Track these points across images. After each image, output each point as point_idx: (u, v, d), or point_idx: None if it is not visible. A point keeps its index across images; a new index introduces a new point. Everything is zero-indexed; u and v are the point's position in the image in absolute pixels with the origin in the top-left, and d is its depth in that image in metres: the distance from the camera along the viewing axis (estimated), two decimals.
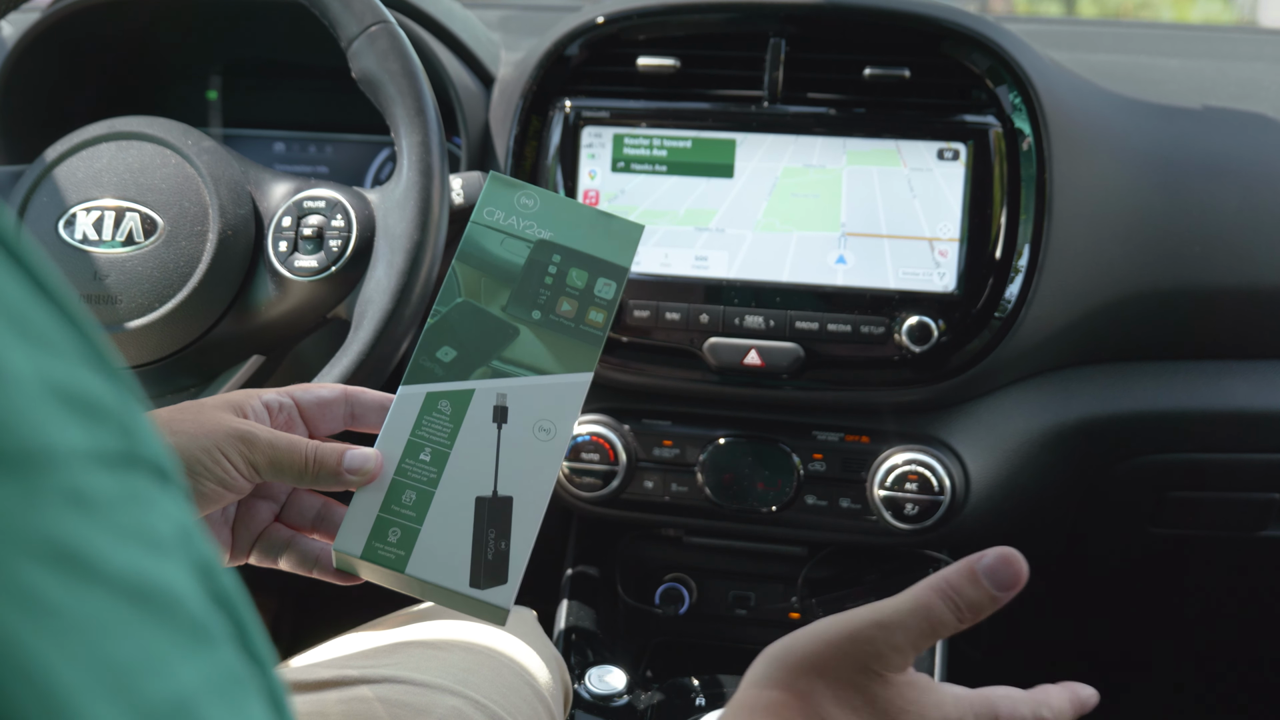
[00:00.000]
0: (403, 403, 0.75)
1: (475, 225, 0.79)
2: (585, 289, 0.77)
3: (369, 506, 0.72)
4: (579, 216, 0.80)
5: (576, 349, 0.76)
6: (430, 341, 0.76)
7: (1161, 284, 1.26)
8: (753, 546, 1.38)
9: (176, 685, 0.30)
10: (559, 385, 0.75)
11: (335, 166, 1.52)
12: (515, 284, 0.77)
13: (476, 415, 0.74)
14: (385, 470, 0.73)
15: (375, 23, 1.02)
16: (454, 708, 0.85)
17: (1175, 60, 1.51)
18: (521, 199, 0.80)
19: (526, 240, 0.79)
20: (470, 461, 0.73)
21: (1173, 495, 1.36)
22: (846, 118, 1.25)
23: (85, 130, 1.08)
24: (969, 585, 0.63)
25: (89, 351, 0.33)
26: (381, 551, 0.71)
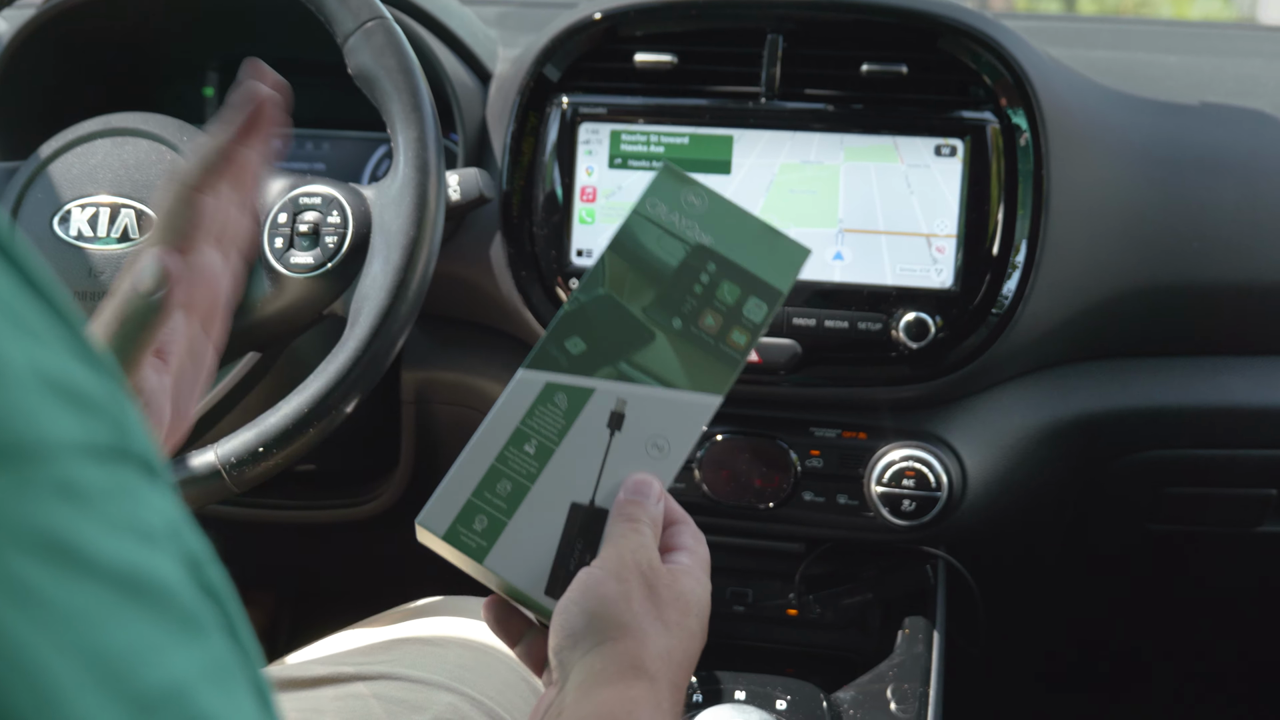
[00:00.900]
0: (520, 387, 0.72)
1: (636, 216, 0.76)
2: (734, 306, 0.73)
3: (462, 487, 0.70)
4: (745, 226, 0.76)
5: (711, 368, 0.72)
6: (562, 329, 0.73)
7: (1159, 280, 1.26)
8: (750, 543, 1.37)
9: (170, 673, 0.30)
10: (683, 403, 0.71)
11: (332, 163, 1.52)
12: (663, 286, 0.74)
13: (591, 416, 0.71)
14: (485, 454, 0.71)
15: (371, 18, 1.02)
16: (450, 704, 0.85)
17: (1173, 57, 1.51)
18: (689, 196, 0.77)
19: (685, 242, 0.75)
20: (574, 463, 0.70)
21: (1170, 491, 1.36)
22: (844, 114, 1.25)
23: (80, 126, 1.08)
24: None
25: (78, 345, 0.33)
26: (464, 537, 0.69)
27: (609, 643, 0.62)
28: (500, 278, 1.29)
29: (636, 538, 0.67)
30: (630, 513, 0.68)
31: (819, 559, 1.36)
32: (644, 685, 0.61)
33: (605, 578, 0.65)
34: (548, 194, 1.28)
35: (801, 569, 1.35)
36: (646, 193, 0.77)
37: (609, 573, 0.65)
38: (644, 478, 0.70)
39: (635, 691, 0.60)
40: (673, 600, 0.65)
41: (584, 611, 0.64)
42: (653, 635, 0.63)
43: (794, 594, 1.36)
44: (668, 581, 0.66)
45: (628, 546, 0.66)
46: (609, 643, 0.62)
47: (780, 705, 1.18)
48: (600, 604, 0.64)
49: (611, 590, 0.64)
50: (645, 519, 0.68)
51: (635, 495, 0.69)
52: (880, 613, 1.35)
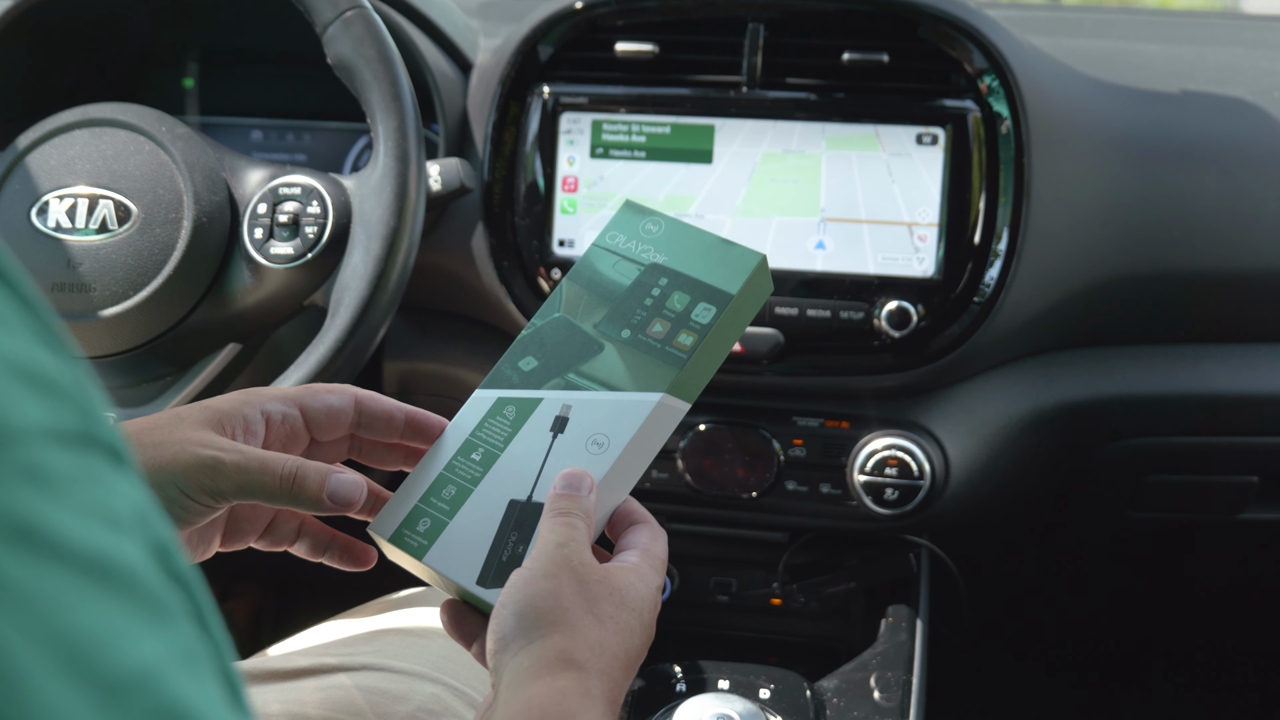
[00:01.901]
0: (473, 404, 0.75)
1: (595, 247, 0.79)
2: (682, 312, 0.75)
3: (411, 495, 0.73)
4: (699, 242, 0.77)
5: (652, 368, 0.73)
6: (516, 351, 0.77)
7: (1140, 268, 1.26)
8: (734, 533, 1.38)
9: (139, 656, 0.30)
10: (622, 401, 0.73)
11: (313, 154, 1.51)
12: (615, 303, 0.76)
13: (537, 423, 0.73)
14: (435, 463, 0.73)
15: (350, 8, 1.01)
16: (432, 694, 0.85)
17: (1154, 45, 1.51)
18: (647, 224, 0.79)
19: (639, 263, 0.77)
20: (517, 466, 0.72)
21: (1152, 479, 1.36)
22: (825, 103, 1.25)
23: (58, 117, 1.08)
24: None
25: (45, 332, 0.33)
26: (408, 538, 0.72)
27: (538, 640, 0.62)
28: (482, 268, 1.29)
29: (567, 531, 0.67)
30: (562, 506, 0.68)
31: (802, 548, 1.36)
32: (573, 675, 0.60)
33: (534, 577, 0.64)
34: (529, 184, 1.28)
35: (785, 558, 1.35)
36: (607, 227, 0.80)
37: (537, 571, 0.65)
38: (577, 471, 0.70)
39: (563, 682, 0.60)
40: (606, 594, 0.64)
41: (513, 612, 0.63)
42: (583, 628, 0.62)
43: (778, 583, 1.36)
44: (600, 576, 0.65)
45: (556, 541, 0.66)
46: (538, 640, 0.62)
47: (764, 694, 1.18)
48: (529, 602, 0.63)
49: (540, 587, 0.64)
50: (577, 511, 0.68)
51: (567, 489, 0.69)
52: (863, 601, 1.35)
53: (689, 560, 1.39)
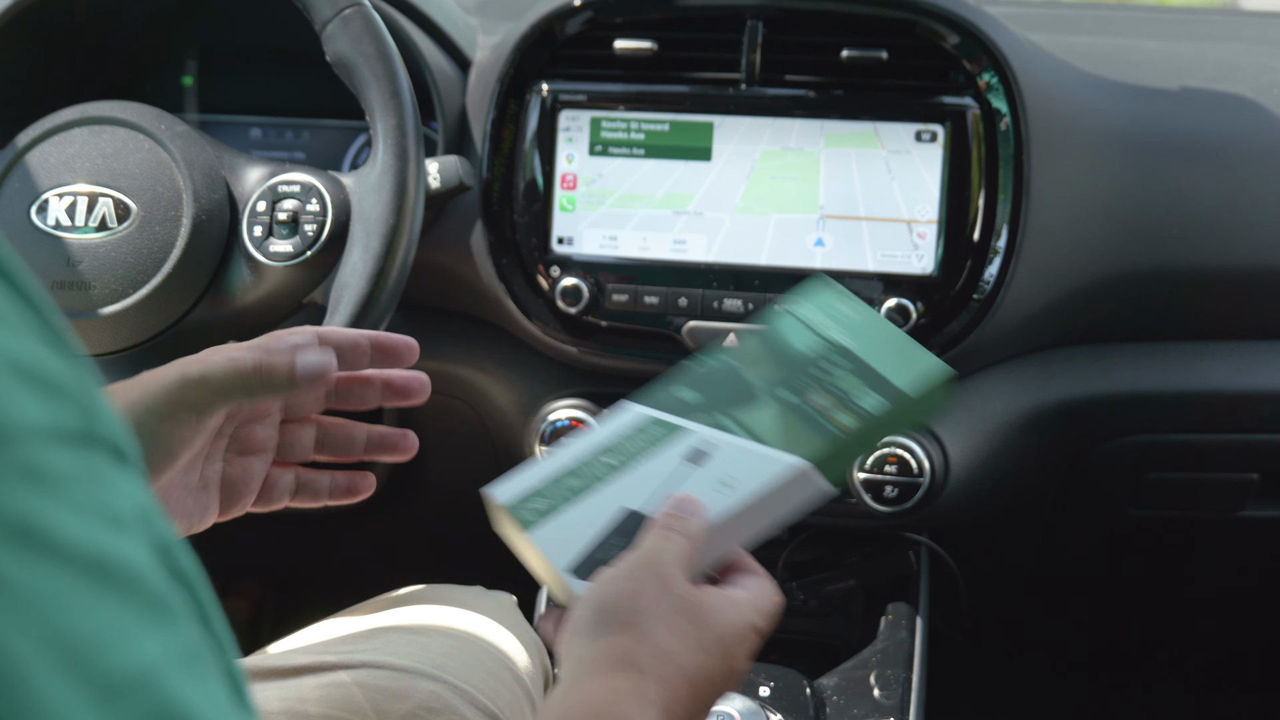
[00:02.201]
0: (624, 415, 0.78)
1: (786, 314, 0.81)
2: (851, 394, 0.76)
3: (538, 473, 0.76)
4: (891, 338, 0.79)
5: (804, 435, 0.74)
6: (682, 378, 0.79)
7: (1140, 265, 1.26)
8: None
9: (139, 657, 0.30)
10: (763, 454, 0.74)
11: (312, 152, 1.51)
12: (789, 368, 0.78)
13: (675, 447, 0.75)
14: (569, 454, 0.76)
15: (349, 6, 1.01)
16: (432, 692, 0.85)
17: (1153, 42, 1.51)
18: (843, 308, 0.81)
19: (826, 340, 0.79)
20: (643, 481, 0.74)
21: (1152, 476, 1.36)
22: (824, 100, 1.24)
23: (57, 115, 1.08)
24: None
25: (47, 331, 0.33)
26: (522, 510, 0.74)
27: (605, 636, 0.62)
28: (481, 266, 1.29)
29: (664, 543, 0.67)
30: (666, 522, 0.69)
31: (802, 545, 1.36)
32: (631, 677, 0.60)
33: (618, 576, 0.65)
34: (528, 181, 1.28)
35: (785, 556, 1.35)
36: (802, 297, 0.82)
37: (623, 572, 0.66)
38: (691, 497, 0.71)
39: (620, 682, 0.60)
40: (687, 608, 0.64)
41: (590, 606, 0.64)
42: (652, 634, 0.62)
43: (778, 581, 1.36)
44: (685, 590, 0.65)
45: (650, 549, 0.67)
46: (605, 636, 0.62)
47: (763, 692, 1.18)
48: (606, 598, 0.64)
49: (621, 587, 0.65)
50: (680, 529, 0.69)
51: (676, 508, 0.70)
52: (863, 599, 1.35)
53: None
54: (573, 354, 1.29)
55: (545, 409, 1.32)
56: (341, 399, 0.82)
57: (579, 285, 1.25)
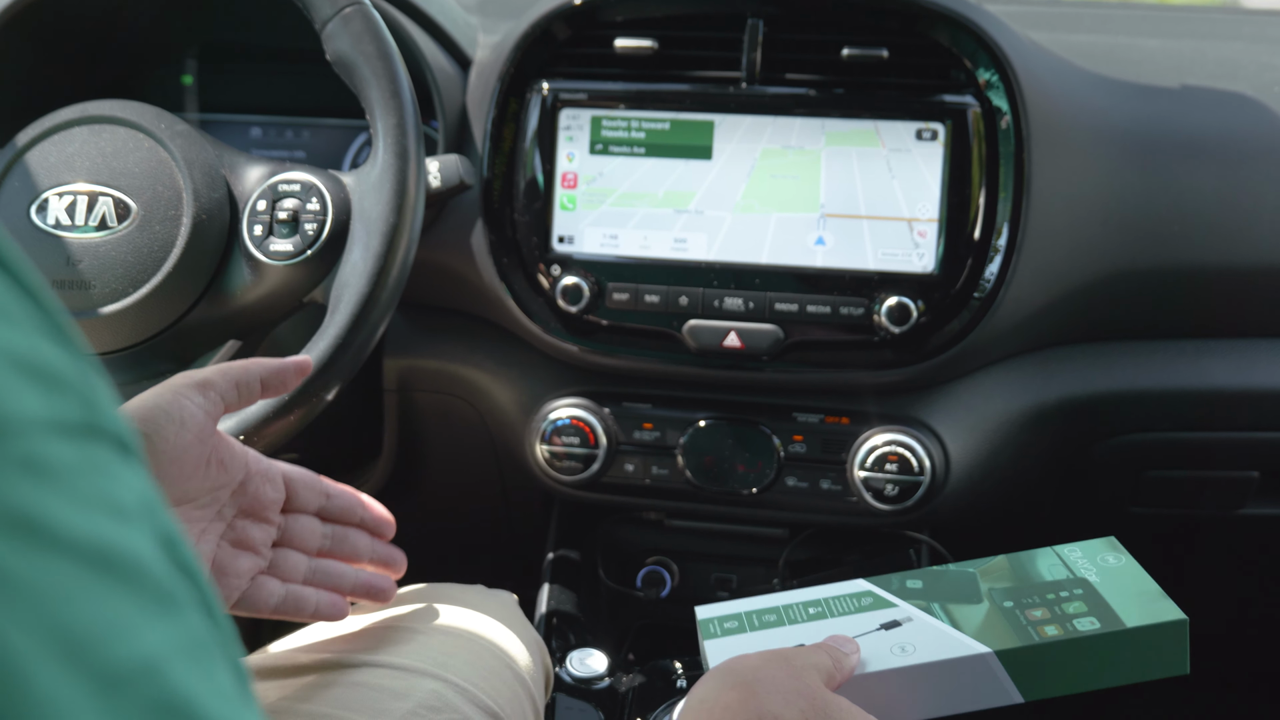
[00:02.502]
0: (846, 584, 0.83)
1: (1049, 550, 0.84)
2: (1069, 614, 0.77)
3: (745, 604, 0.83)
4: (1136, 582, 0.79)
5: (1002, 629, 0.76)
6: (915, 572, 0.83)
7: (1140, 263, 1.26)
8: (734, 529, 1.38)
9: (143, 648, 0.30)
10: (950, 634, 0.76)
11: (312, 151, 1.51)
12: (1023, 585, 0.80)
13: (878, 616, 0.79)
14: (779, 598, 0.83)
15: (349, 4, 1.01)
16: (433, 691, 0.85)
17: (1154, 40, 1.51)
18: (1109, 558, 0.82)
19: (1073, 573, 0.81)
20: (831, 629, 0.78)
21: (1152, 474, 1.36)
22: (825, 98, 1.24)
23: (57, 114, 1.07)
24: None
25: (48, 324, 0.33)
26: (709, 625, 0.82)
27: (721, 690, 0.68)
28: (482, 264, 1.29)
29: (807, 651, 0.72)
30: (821, 643, 0.74)
31: (803, 544, 1.36)
32: (740, 691, 0.66)
33: (753, 654, 0.71)
34: (529, 180, 1.28)
35: (785, 554, 1.35)
36: (1075, 545, 0.84)
37: (758, 654, 0.71)
38: (850, 638, 0.76)
39: (729, 697, 0.66)
40: (815, 699, 0.68)
41: (719, 668, 0.70)
42: (768, 700, 0.66)
43: (778, 579, 1.36)
44: (820, 687, 0.69)
45: (792, 650, 0.72)
46: (721, 690, 0.68)
47: None
48: (734, 663, 0.70)
49: (751, 660, 0.70)
50: (828, 648, 0.73)
51: (836, 642, 0.75)
52: None
53: (689, 556, 1.39)
54: (573, 353, 1.29)
55: (546, 408, 1.32)
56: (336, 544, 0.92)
57: (580, 284, 1.25)
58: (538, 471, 1.32)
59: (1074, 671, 0.75)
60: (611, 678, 1.22)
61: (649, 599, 1.36)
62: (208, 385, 0.79)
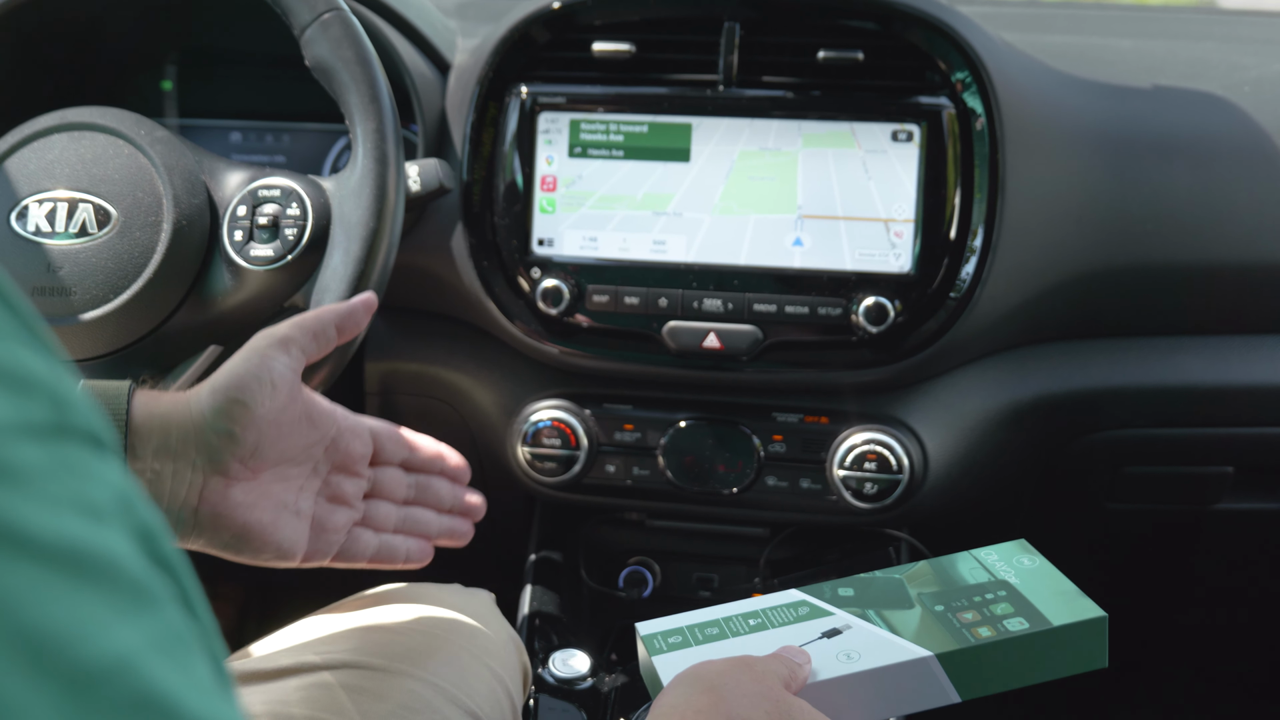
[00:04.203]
0: (779, 598, 0.85)
1: (968, 555, 0.87)
2: (998, 615, 0.80)
3: (685, 619, 0.84)
4: (1055, 584, 0.83)
5: (938, 634, 0.78)
6: (844, 580, 0.86)
7: (1114, 262, 1.27)
8: (715, 528, 1.38)
9: (114, 646, 0.30)
10: (892, 640, 0.78)
11: (292, 156, 1.52)
12: (949, 588, 0.83)
13: (817, 625, 0.81)
14: (718, 611, 0.84)
15: (327, 10, 1.02)
16: (412, 691, 0.85)
17: (1127, 41, 1.52)
18: (1024, 559, 0.86)
19: (993, 575, 0.84)
20: (775, 642, 0.79)
21: (1129, 470, 1.38)
22: (801, 100, 1.25)
23: (36, 121, 1.08)
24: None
25: (16, 325, 0.33)
26: (653, 640, 0.82)
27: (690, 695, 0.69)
28: (462, 268, 1.29)
29: (766, 659, 0.73)
30: (776, 654, 0.75)
31: (783, 543, 1.37)
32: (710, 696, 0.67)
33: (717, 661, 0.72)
34: (508, 184, 1.28)
35: (766, 553, 1.36)
36: (989, 549, 0.87)
37: (721, 660, 0.73)
38: (802, 649, 0.77)
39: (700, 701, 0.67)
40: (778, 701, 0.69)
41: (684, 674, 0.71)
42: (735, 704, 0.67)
43: (759, 578, 1.37)
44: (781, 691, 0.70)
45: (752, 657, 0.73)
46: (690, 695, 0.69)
47: None
48: (700, 668, 0.71)
49: (716, 666, 0.71)
50: (783, 660, 0.74)
51: (788, 653, 0.76)
52: None
53: (671, 556, 1.40)
54: (554, 355, 1.30)
55: (527, 409, 1.33)
56: (420, 492, 0.96)
57: (560, 286, 1.26)
58: (519, 473, 1.33)
59: (1007, 670, 0.78)
60: (594, 678, 1.22)
61: (631, 599, 1.36)
62: (289, 342, 0.82)
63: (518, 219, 1.28)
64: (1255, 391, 1.33)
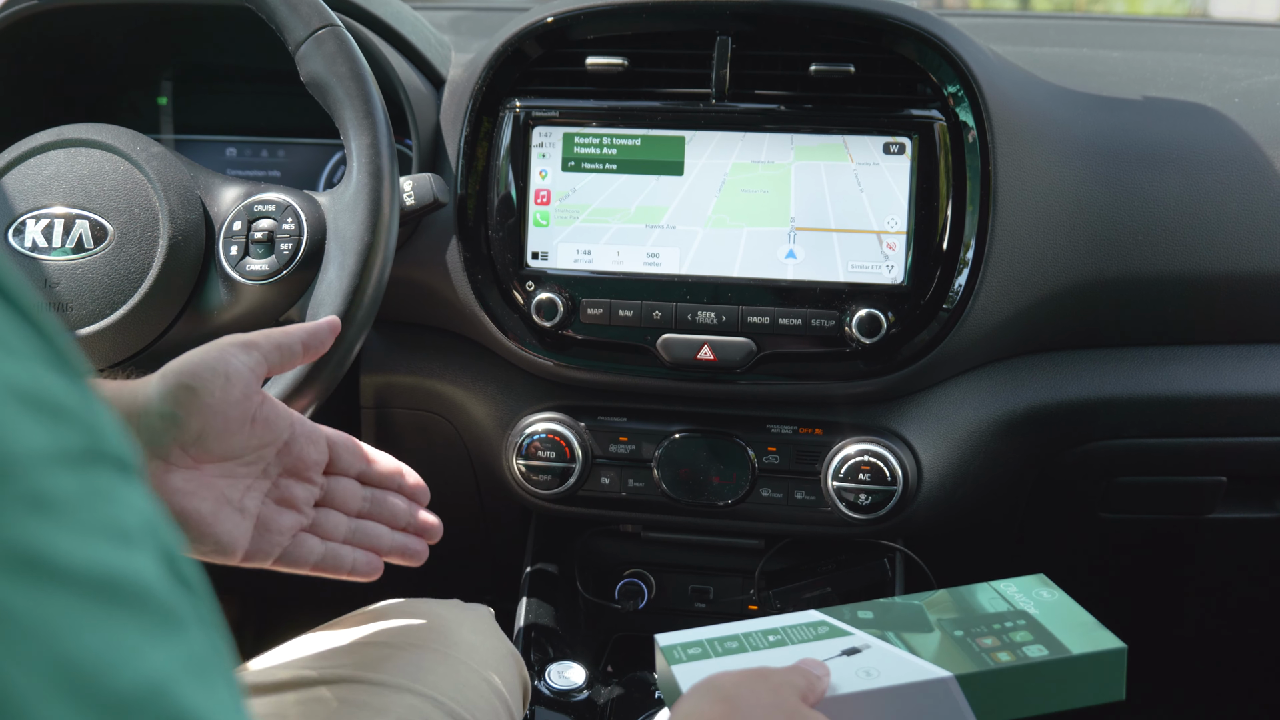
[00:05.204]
0: (799, 617, 0.85)
1: (987, 586, 0.89)
2: (1017, 642, 0.81)
3: (706, 632, 0.85)
4: (1073, 615, 0.84)
5: (958, 656, 0.79)
6: (864, 604, 0.86)
7: (1106, 273, 1.28)
8: (710, 540, 1.39)
9: (148, 671, 0.30)
10: (910, 660, 0.79)
11: (288, 171, 1.52)
12: (969, 616, 0.84)
13: (837, 643, 0.82)
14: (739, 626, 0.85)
15: (322, 26, 1.02)
16: (412, 706, 0.85)
17: (1117, 52, 1.53)
18: (1042, 592, 0.88)
19: (1012, 606, 0.86)
20: (794, 656, 0.80)
21: (1122, 480, 1.38)
22: (794, 113, 1.26)
23: (33, 138, 1.08)
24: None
25: (49, 352, 0.33)
26: (673, 651, 0.82)
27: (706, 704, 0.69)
28: (456, 281, 1.30)
29: (784, 671, 0.74)
30: (795, 666, 0.76)
31: (778, 554, 1.37)
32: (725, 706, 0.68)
33: (735, 671, 0.73)
34: (502, 197, 1.29)
35: (761, 564, 1.37)
36: (1008, 581, 0.89)
37: (739, 671, 0.73)
38: (821, 662, 0.78)
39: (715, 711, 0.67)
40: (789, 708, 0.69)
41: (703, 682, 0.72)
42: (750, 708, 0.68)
43: (754, 589, 1.37)
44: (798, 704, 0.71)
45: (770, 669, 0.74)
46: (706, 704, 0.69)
47: None
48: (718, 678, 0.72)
49: (734, 677, 0.72)
50: (801, 671, 0.74)
51: (808, 665, 0.77)
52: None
53: (666, 568, 1.40)
54: (549, 368, 1.30)
55: (522, 422, 1.33)
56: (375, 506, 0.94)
57: (554, 299, 1.26)
58: (514, 485, 1.33)
59: (1025, 697, 0.79)
60: (590, 690, 1.23)
61: (627, 611, 1.37)
62: (252, 345, 0.83)
63: (512, 232, 1.29)
64: (1248, 401, 1.33)
